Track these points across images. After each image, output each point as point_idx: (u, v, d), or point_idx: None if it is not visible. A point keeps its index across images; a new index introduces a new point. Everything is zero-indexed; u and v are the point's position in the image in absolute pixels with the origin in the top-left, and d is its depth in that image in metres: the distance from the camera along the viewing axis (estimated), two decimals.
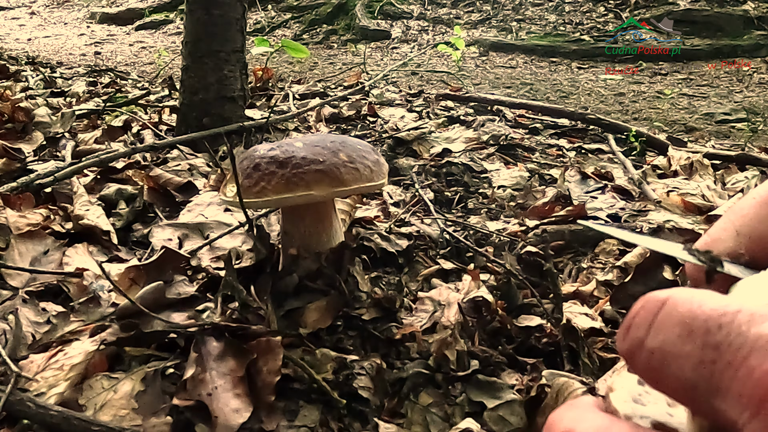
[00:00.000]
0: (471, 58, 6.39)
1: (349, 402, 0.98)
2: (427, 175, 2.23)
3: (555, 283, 1.23)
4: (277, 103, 3.31)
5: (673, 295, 0.27)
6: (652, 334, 0.27)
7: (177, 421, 0.92)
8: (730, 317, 0.25)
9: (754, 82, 5.36)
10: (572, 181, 2.18)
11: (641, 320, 0.28)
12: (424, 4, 7.90)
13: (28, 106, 2.52)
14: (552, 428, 0.30)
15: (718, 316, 0.25)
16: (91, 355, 1.01)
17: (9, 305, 1.19)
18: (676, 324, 0.26)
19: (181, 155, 2.21)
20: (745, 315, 0.25)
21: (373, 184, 1.15)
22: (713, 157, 2.52)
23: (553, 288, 1.24)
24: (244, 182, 1.12)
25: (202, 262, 1.38)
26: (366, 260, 1.39)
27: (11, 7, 10.95)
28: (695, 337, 0.25)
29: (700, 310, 0.26)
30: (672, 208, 1.90)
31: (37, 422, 0.90)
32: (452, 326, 1.12)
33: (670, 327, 0.27)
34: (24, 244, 1.38)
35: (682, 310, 0.26)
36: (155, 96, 3.51)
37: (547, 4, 7.41)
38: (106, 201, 1.69)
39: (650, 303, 0.28)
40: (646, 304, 0.28)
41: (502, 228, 1.75)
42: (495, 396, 1.01)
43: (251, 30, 7.74)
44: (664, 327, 0.27)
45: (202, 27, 2.39)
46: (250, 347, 1.01)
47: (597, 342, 1.15)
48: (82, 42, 7.94)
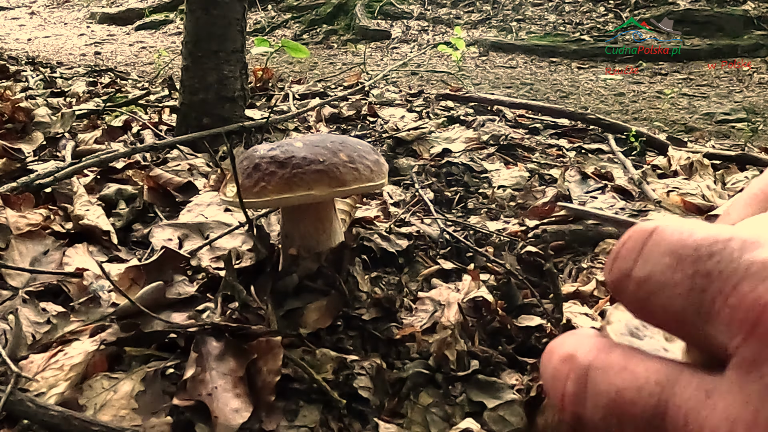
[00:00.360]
0: (471, 58, 6.39)
1: (349, 402, 0.98)
2: (427, 175, 2.23)
3: (555, 283, 1.23)
4: (277, 103, 3.31)
5: (661, 224, 0.27)
6: (640, 264, 0.26)
7: (177, 421, 0.92)
8: (721, 245, 0.25)
9: (754, 82, 5.36)
10: (572, 181, 2.18)
11: (628, 251, 0.27)
12: (424, 4, 7.90)
13: (28, 106, 2.52)
14: (552, 354, 0.30)
15: (708, 244, 0.25)
16: (91, 355, 1.02)
17: (9, 305, 1.19)
18: (664, 253, 0.26)
19: (181, 155, 2.21)
20: (737, 242, 0.24)
21: (373, 184, 1.15)
22: (713, 157, 2.52)
23: (553, 288, 1.24)
24: (244, 182, 1.12)
25: (202, 262, 1.38)
26: (366, 260, 1.39)
27: (11, 7, 10.96)
28: (685, 266, 0.25)
29: (691, 239, 0.25)
30: (672, 208, 1.90)
31: (37, 422, 0.90)
32: (452, 326, 1.12)
33: (658, 256, 0.26)
34: (24, 244, 1.38)
35: (671, 239, 0.26)
36: (155, 96, 3.51)
37: (547, 4, 7.41)
38: (106, 201, 1.69)
39: (637, 233, 0.27)
40: (633, 234, 0.27)
41: (502, 228, 1.75)
42: (495, 396, 1.01)
43: (251, 30, 7.74)
44: (652, 256, 0.26)
45: (202, 27, 2.39)
46: (250, 347, 1.01)
47: None
48: (82, 42, 7.94)
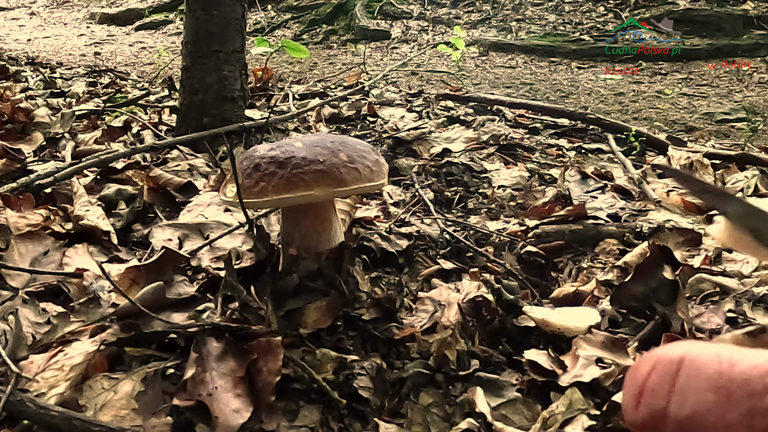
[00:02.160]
0: (471, 58, 6.39)
1: (349, 402, 0.98)
2: (427, 175, 2.23)
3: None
4: (277, 103, 3.31)
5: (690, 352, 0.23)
6: (677, 401, 0.23)
7: (177, 422, 0.92)
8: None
9: (754, 81, 5.35)
10: (572, 181, 2.18)
11: (656, 385, 0.23)
12: (424, 4, 7.90)
13: (27, 107, 2.52)
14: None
15: (760, 375, 0.21)
16: (91, 355, 1.02)
17: (9, 305, 1.19)
18: (707, 388, 0.22)
19: (181, 155, 2.21)
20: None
21: (373, 184, 1.15)
22: (713, 157, 2.52)
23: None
24: (244, 182, 1.12)
25: (202, 263, 1.38)
26: (366, 260, 1.39)
27: (11, 8, 10.95)
28: (737, 403, 0.21)
29: (735, 370, 0.22)
30: (672, 207, 1.90)
31: (37, 423, 0.90)
32: (452, 326, 1.12)
33: (699, 392, 0.22)
34: (24, 244, 1.38)
35: (710, 371, 0.22)
36: (155, 96, 3.51)
37: (547, 4, 7.41)
38: (106, 201, 1.69)
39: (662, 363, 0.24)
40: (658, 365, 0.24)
41: (502, 228, 1.75)
42: (498, 394, 1.01)
43: (251, 30, 7.74)
44: (690, 392, 0.22)
45: (201, 27, 2.39)
46: (251, 347, 1.01)
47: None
48: (81, 42, 7.94)
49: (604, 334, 1.11)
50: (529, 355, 1.08)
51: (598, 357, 1.06)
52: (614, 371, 1.02)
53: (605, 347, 1.08)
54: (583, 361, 1.06)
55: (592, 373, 1.03)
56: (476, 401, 0.96)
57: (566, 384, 1.01)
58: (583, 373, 1.03)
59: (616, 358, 1.06)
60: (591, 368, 1.04)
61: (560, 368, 1.06)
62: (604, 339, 1.10)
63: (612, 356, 1.06)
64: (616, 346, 1.08)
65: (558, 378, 1.03)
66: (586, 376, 1.02)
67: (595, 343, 1.09)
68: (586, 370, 1.04)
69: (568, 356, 1.09)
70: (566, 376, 1.04)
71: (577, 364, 1.06)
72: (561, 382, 1.02)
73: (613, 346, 1.08)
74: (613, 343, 1.09)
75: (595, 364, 1.05)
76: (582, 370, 1.04)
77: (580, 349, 1.08)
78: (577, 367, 1.05)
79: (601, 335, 1.11)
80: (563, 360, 1.08)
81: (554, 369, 1.05)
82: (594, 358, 1.06)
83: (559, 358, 1.08)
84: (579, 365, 1.05)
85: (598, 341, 1.09)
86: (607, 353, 1.07)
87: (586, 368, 1.04)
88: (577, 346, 1.09)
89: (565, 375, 1.04)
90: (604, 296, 1.32)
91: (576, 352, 1.08)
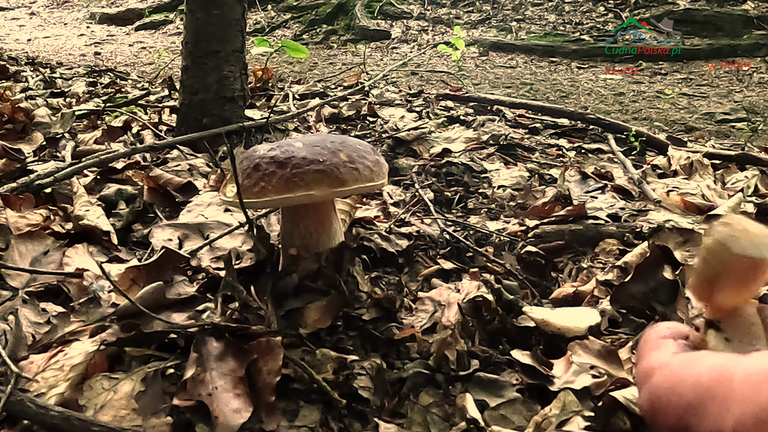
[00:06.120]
0: (471, 58, 6.39)
1: (349, 402, 0.98)
2: (427, 175, 2.23)
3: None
4: (277, 103, 3.31)
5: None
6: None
7: (177, 422, 0.92)
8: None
9: (754, 81, 5.36)
10: (572, 181, 2.17)
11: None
12: (424, 4, 7.90)
13: (28, 107, 2.53)
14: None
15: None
16: (91, 355, 1.01)
17: (9, 305, 1.18)
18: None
19: (181, 155, 2.21)
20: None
21: (373, 185, 1.15)
22: (713, 157, 2.52)
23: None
24: (244, 182, 1.12)
25: (202, 263, 1.38)
26: (366, 260, 1.39)
27: (11, 8, 10.96)
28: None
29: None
30: (672, 207, 1.90)
31: (37, 423, 0.90)
32: (452, 326, 1.12)
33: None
34: (24, 244, 1.38)
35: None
36: (155, 96, 3.51)
37: (547, 4, 7.41)
38: (106, 201, 1.69)
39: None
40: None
41: (502, 228, 1.75)
42: (497, 394, 1.01)
43: (251, 30, 7.74)
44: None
45: (201, 27, 2.39)
46: (251, 347, 1.01)
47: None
48: (81, 42, 7.94)
49: (601, 343, 1.09)
50: (515, 354, 1.07)
51: (591, 365, 1.04)
52: (606, 381, 1.01)
53: (600, 356, 1.07)
54: (575, 368, 1.04)
55: (584, 381, 1.01)
56: (467, 407, 0.96)
57: (557, 389, 1.00)
58: (575, 380, 1.02)
59: (610, 368, 1.04)
60: (583, 376, 1.02)
61: (548, 368, 1.05)
62: (600, 348, 1.08)
63: (606, 366, 1.04)
64: (611, 355, 1.06)
65: (547, 381, 1.03)
66: (577, 384, 1.01)
67: (590, 350, 1.08)
68: (578, 377, 1.02)
69: (562, 361, 1.08)
70: (557, 381, 1.02)
71: (569, 370, 1.04)
72: (552, 388, 1.01)
73: (609, 355, 1.06)
74: (609, 352, 1.07)
75: (588, 372, 1.03)
76: (574, 377, 1.02)
77: (574, 355, 1.07)
78: (569, 373, 1.03)
79: (598, 343, 1.09)
80: (551, 362, 1.07)
81: (542, 371, 1.04)
82: (588, 365, 1.05)
83: (545, 359, 1.07)
84: (571, 371, 1.04)
85: (594, 349, 1.07)
86: (601, 362, 1.05)
87: (578, 375, 1.03)
88: (572, 351, 1.08)
89: (557, 381, 1.03)
90: (604, 296, 1.32)
91: (570, 358, 1.07)
